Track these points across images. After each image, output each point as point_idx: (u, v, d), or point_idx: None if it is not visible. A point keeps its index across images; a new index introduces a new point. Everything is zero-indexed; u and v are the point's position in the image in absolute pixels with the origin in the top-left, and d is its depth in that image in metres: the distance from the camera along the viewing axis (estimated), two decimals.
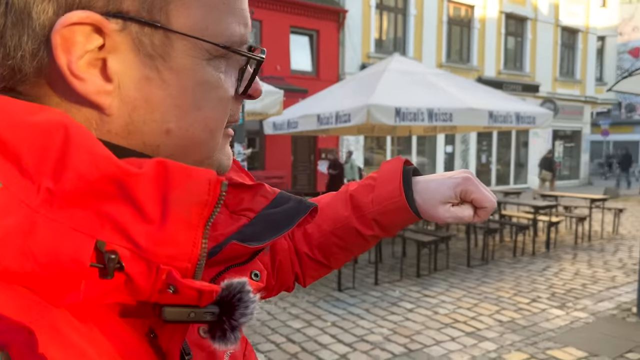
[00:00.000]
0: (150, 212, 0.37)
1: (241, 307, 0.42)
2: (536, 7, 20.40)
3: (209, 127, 0.45)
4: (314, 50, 14.67)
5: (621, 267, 7.06)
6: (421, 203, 0.78)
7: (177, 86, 0.42)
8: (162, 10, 0.40)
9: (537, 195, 14.97)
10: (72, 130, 0.36)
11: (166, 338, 0.42)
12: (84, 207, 0.36)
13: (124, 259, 0.36)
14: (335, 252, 0.85)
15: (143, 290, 0.38)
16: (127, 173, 0.36)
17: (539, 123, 8.19)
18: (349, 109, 6.78)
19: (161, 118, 0.42)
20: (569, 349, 4.14)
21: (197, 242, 0.39)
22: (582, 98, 22.63)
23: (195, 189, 0.38)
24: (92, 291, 0.36)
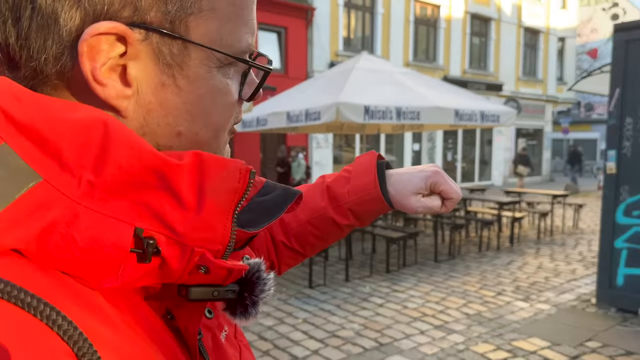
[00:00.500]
0: (188, 199, 0.40)
1: (260, 284, 0.47)
2: (500, 7, 20.87)
3: (215, 129, 0.48)
4: (282, 48, 14.64)
5: (581, 260, 7.33)
6: (394, 194, 0.84)
7: (190, 92, 0.45)
8: (182, 22, 0.43)
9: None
10: (112, 126, 0.38)
11: (184, 319, 0.46)
12: (124, 197, 0.38)
13: (161, 244, 0.40)
14: (312, 241, 0.89)
15: (174, 272, 0.41)
16: (170, 164, 0.39)
17: (503, 121, 8.40)
18: (318, 107, 6.81)
19: (174, 122, 0.45)
20: (533, 340, 4.29)
21: (227, 225, 0.43)
22: (544, 97, 23.31)
23: (228, 177, 0.42)
24: (129, 275, 0.40)
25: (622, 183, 4.89)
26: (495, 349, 4.10)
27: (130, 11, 0.40)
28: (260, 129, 8.66)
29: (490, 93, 20.10)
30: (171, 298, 0.45)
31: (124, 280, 0.39)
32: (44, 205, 0.36)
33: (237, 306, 0.48)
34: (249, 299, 0.47)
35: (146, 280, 0.41)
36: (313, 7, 14.87)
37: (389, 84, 7.52)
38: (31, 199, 0.36)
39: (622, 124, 4.84)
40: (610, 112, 4.95)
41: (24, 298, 0.33)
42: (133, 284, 0.41)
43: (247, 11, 0.48)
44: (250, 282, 0.47)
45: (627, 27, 4.86)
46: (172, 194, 0.40)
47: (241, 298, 0.47)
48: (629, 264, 4.91)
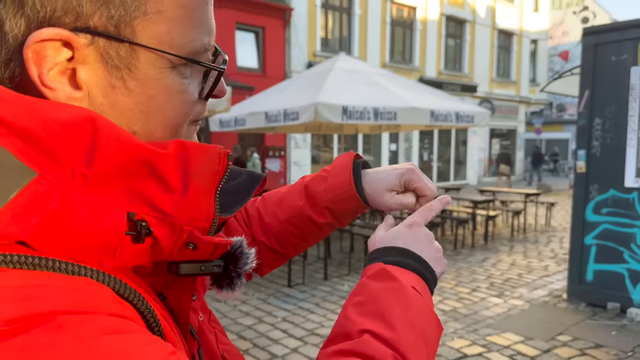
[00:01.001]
0: (175, 183, 0.44)
1: (243, 258, 0.53)
2: (474, 10, 21.20)
3: (171, 127, 0.50)
4: (260, 47, 14.61)
5: (553, 257, 7.52)
6: (369, 192, 0.85)
7: (142, 94, 0.46)
8: (128, 25, 0.44)
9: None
10: (100, 121, 0.41)
11: (176, 298, 0.50)
12: (115, 186, 0.42)
13: (152, 225, 0.44)
14: (291, 240, 0.90)
15: (165, 249, 0.45)
16: (156, 154, 0.43)
17: (477, 122, 8.56)
18: (297, 107, 6.84)
19: (127, 122, 0.46)
20: (507, 335, 4.41)
21: (211, 204, 0.47)
22: (517, 98, 23.75)
23: (209, 161, 0.47)
24: (125, 255, 0.44)
25: (592, 182, 5.05)
26: (471, 344, 4.19)
27: (73, 17, 0.42)
28: (239, 129, 8.65)
29: (465, 94, 20.41)
30: (162, 277, 0.49)
31: (121, 260, 0.43)
32: (42, 198, 0.39)
33: (223, 279, 0.53)
34: (234, 272, 0.52)
35: (140, 259, 0.45)
36: (291, 8, 14.88)
37: (366, 84, 7.60)
38: (29, 193, 0.38)
39: (592, 125, 5.01)
40: (580, 113, 5.11)
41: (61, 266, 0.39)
42: (129, 263, 0.45)
43: (199, 12, 0.48)
44: (234, 257, 0.52)
45: (596, 31, 5.02)
46: (159, 179, 0.43)
47: (227, 271, 0.52)
48: (598, 260, 5.07)
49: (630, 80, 4.70)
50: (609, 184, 4.93)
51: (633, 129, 4.73)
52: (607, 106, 4.89)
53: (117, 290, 0.40)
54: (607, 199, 4.96)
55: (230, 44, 13.79)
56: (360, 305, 0.64)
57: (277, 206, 0.90)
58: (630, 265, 4.84)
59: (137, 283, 0.45)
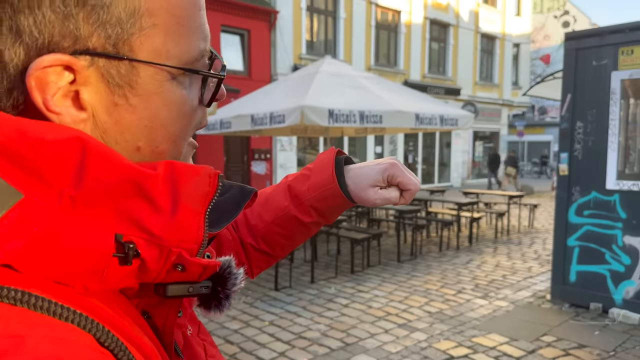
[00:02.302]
0: (164, 205, 0.43)
1: (232, 278, 0.53)
2: (458, 14, 21.41)
3: (176, 139, 0.50)
4: (245, 50, 14.58)
5: (536, 259, 7.62)
6: (353, 188, 0.84)
7: (145, 109, 0.46)
8: (125, 43, 0.44)
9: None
10: (89, 142, 0.41)
11: (162, 317, 0.49)
12: (103, 207, 0.41)
13: (140, 247, 0.42)
14: (279, 241, 0.89)
15: (153, 271, 0.44)
16: (145, 175, 0.43)
17: (461, 125, 8.64)
18: (283, 110, 6.84)
19: (132, 138, 0.47)
20: (492, 336, 4.45)
21: (201, 226, 0.46)
22: (500, 101, 24.04)
23: (200, 182, 0.46)
24: (111, 278, 0.42)
25: (574, 184, 5.13)
26: (457, 346, 4.23)
27: (71, 41, 0.41)
28: (224, 132, 8.62)
29: (449, 97, 20.60)
30: (148, 298, 0.48)
31: (107, 283, 0.42)
32: (27, 220, 0.38)
33: (211, 300, 0.52)
34: (222, 293, 0.52)
35: (127, 281, 0.44)
36: (276, 10, 14.88)
37: (352, 88, 7.64)
38: (15, 215, 0.38)
39: (574, 128, 5.09)
40: (562, 116, 5.20)
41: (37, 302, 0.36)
42: (116, 285, 0.44)
43: (192, 20, 0.48)
44: (222, 278, 0.52)
45: (577, 36, 5.11)
46: (148, 201, 0.43)
47: (215, 292, 0.52)
48: (580, 261, 5.15)
49: (610, 85, 4.80)
50: (590, 186, 5.01)
51: (614, 133, 4.82)
52: (589, 110, 4.98)
53: (99, 339, 0.38)
54: (589, 201, 5.04)
55: (216, 46, 13.74)
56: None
57: (262, 207, 0.89)
58: (612, 266, 4.93)
59: (121, 305, 0.44)
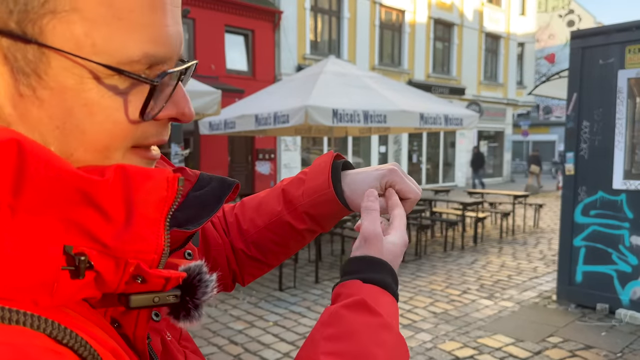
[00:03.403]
0: (115, 214, 0.39)
1: (202, 287, 0.47)
2: (462, 13, 21.36)
3: (97, 150, 0.43)
4: (249, 50, 14.59)
5: (542, 259, 7.58)
6: (349, 194, 0.79)
7: (56, 106, 0.40)
8: (35, 24, 0.38)
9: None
10: (26, 146, 0.36)
11: (131, 325, 0.46)
12: (48, 217, 0.37)
13: (93, 258, 0.39)
14: (272, 248, 0.84)
15: (110, 283, 0.41)
16: (91, 182, 0.38)
17: (466, 124, 8.61)
18: (287, 110, 6.83)
19: (41, 138, 0.40)
20: (498, 337, 4.43)
21: (160, 234, 0.42)
22: (504, 100, 23.96)
23: (155, 188, 0.41)
24: (63, 292, 0.39)
25: (580, 184, 5.10)
26: (462, 347, 4.21)
27: None
28: (228, 132, 8.63)
29: (453, 97, 20.54)
30: (114, 306, 0.44)
31: (60, 297, 0.38)
32: None
33: (179, 310, 0.47)
34: (191, 303, 0.47)
35: (83, 293, 0.41)
36: (280, 11, 14.88)
37: (356, 87, 7.62)
38: None
39: (580, 127, 5.06)
40: (568, 115, 5.16)
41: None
42: (69, 299, 0.40)
43: (137, 15, 0.41)
44: (192, 286, 0.47)
45: (584, 35, 5.08)
46: (98, 209, 0.39)
47: (183, 302, 0.46)
48: (587, 262, 5.12)
49: (617, 84, 4.76)
50: (597, 186, 4.98)
51: (620, 132, 4.78)
52: (595, 109, 4.94)
53: (54, 336, 0.35)
54: (595, 200, 5.00)
55: (220, 47, 13.76)
56: (334, 340, 0.56)
57: (255, 212, 0.84)
58: (619, 267, 4.89)
59: (85, 313, 0.41)
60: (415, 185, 0.78)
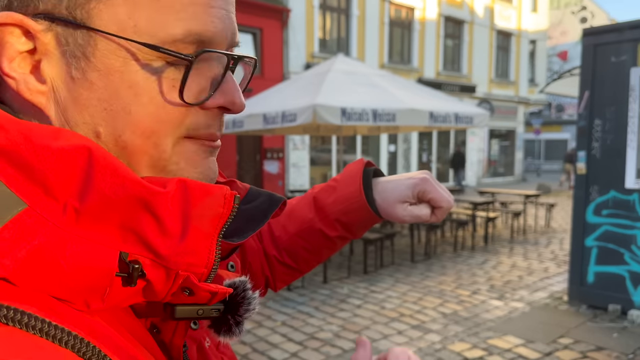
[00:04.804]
0: (172, 226, 0.40)
1: (245, 304, 0.48)
2: (473, 10, 21.20)
3: (144, 133, 0.43)
4: (257, 49, 14.59)
5: (553, 259, 7.50)
6: (380, 202, 0.80)
7: (104, 88, 0.42)
8: (83, 9, 0.40)
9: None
10: (96, 153, 0.39)
11: (170, 333, 0.47)
12: (108, 223, 0.39)
13: (146, 267, 0.40)
14: (303, 255, 0.85)
15: (159, 293, 0.42)
16: (153, 192, 0.40)
17: (476, 123, 8.53)
18: (295, 109, 6.81)
19: (91, 120, 0.42)
20: (508, 338, 4.38)
21: (212, 249, 0.43)
22: (516, 98, 23.75)
23: (213, 203, 0.42)
24: (114, 297, 0.40)
25: (592, 183, 5.03)
26: (472, 348, 4.16)
27: (25, 3, 0.40)
28: (237, 131, 8.63)
29: (464, 95, 20.40)
30: (159, 316, 0.46)
31: (110, 302, 0.40)
32: (29, 232, 0.36)
33: (221, 324, 0.48)
34: (233, 319, 0.47)
35: (131, 300, 0.42)
36: (288, 9, 14.86)
37: (365, 86, 7.57)
38: (16, 226, 0.36)
39: (592, 126, 4.98)
40: (579, 114, 5.09)
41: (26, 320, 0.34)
42: (118, 305, 0.41)
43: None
44: (235, 302, 0.48)
45: (596, 32, 5.00)
46: (156, 220, 0.40)
47: (225, 318, 0.47)
48: (598, 262, 5.05)
49: (630, 81, 4.68)
50: (609, 185, 4.90)
51: (633, 130, 4.70)
52: (607, 107, 4.87)
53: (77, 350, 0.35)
54: (607, 200, 4.93)
55: None
56: None
57: (286, 219, 0.86)
58: (631, 267, 4.82)
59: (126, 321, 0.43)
60: (448, 194, 0.79)
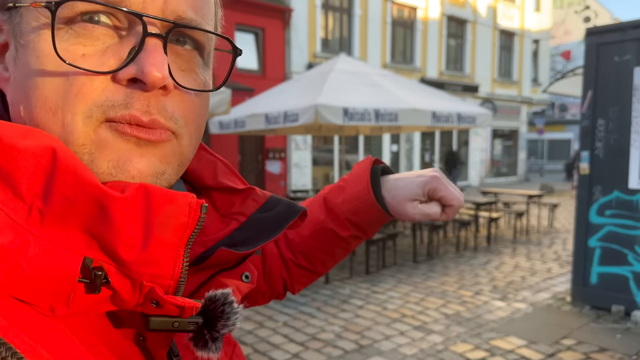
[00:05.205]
0: (131, 234, 0.38)
1: (223, 319, 0.45)
2: (476, 9, 21.15)
3: (51, 110, 0.40)
4: (260, 49, 14.58)
5: (556, 259, 7.46)
6: (390, 200, 0.79)
7: (25, 63, 0.41)
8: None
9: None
10: (60, 154, 0.37)
11: (154, 341, 0.45)
12: (72, 226, 0.38)
13: (110, 275, 0.38)
14: (319, 256, 0.85)
15: (127, 302, 0.40)
16: (109, 197, 0.37)
17: (479, 123, 8.51)
18: (297, 109, 6.80)
19: (18, 99, 0.42)
20: (511, 339, 4.35)
21: (178, 261, 0.40)
22: (519, 98, 23.69)
23: (176, 212, 0.39)
24: (79, 304, 0.39)
25: (595, 183, 5.00)
26: (474, 349, 4.14)
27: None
28: (239, 131, 8.62)
29: (467, 94, 20.36)
30: (137, 326, 0.44)
31: (76, 309, 0.38)
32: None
33: (198, 339, 0.45)
34: (209, 334, 0.45)
35: (102, 307, 0.41)
36: (290, 8, 14.85)
37: (367, 85, 7.56)
38: None
39: (595, 126, 4.95)
40: (583, 114, 5.06)
41: None
42: (87, 311, 0.40)
43: None
44: (213, 316, 0.45)
45: (599, 31, 4.97)
46: (114, 227, 0.38)
47: (201, 331, 0.45)
48: (602, 263, 5.02)
49: (633, 81, 4.65)
50: (612, 185, 4.87)
51: (637, 130, 4.67)
52: (611, 107, 4.84)
53: None
54: (611, 200, 4.90)
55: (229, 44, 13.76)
56: None
57: None
58: (635, 268, 4.79)
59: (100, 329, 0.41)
60: (458, 192, 0.78)
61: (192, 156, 0.49)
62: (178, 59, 0.45)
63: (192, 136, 0.47)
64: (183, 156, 0.46)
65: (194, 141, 0.48)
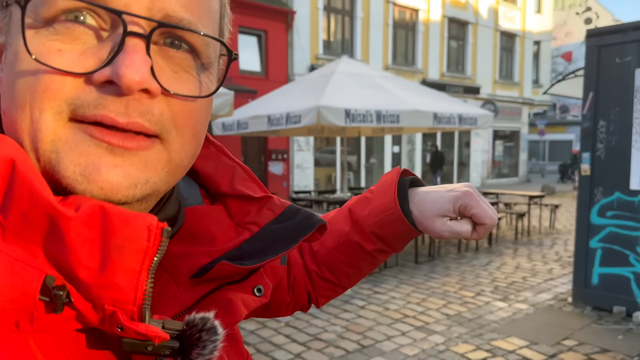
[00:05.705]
0: (87, 257, 0.36)
1: (199, 347, 0.42)
2: (477, 11, 21.17)
3: (20, 105, 0.38)
4: (262, 51, 14.62)
5: (558, 260, 7.47)
6: (418, 215, 0.75)
7: (9, 61, 0.40)
8: None
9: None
10: (19, 165, 0.36)
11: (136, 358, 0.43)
12: (32, 242, 0.36)
13: (73, 295, 0.36)
14: (343, 269, 0.81)
15: (92, 323, 0.38)
16: (61, 215, 0.35)
17: (480, 124, 8.53)
18: (299, 110, 6.83)
19: (3, 98, 0.41)
20: (512, 339, 4.37)
21: (140, 287, 0.38)
22: (520, 100, 23.69)
23: (133, 236, 0.37)
24: (44, 321, 0.36)
25: (596, 184, 5.01)
26: (475, 349, 4.16)
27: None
28: (241, 133, 8.66)
29: (468, 96, 20.37)
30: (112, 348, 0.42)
31: (40, 326, 0.36)
32: None
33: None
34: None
35: (70, 325, 0.38)
36: (293, 11, 14.89)
37: (369, 87, 7.59)
38: None
39: (596, 127, 4.97)
40: (584, 115, 5.08)
41: None
42: (54, 329, 0.38)
43: None
44: (190, 342, 0.42)
45: (600, 33, 4.99)
46: (68, 247, 0.35)
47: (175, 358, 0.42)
48: (603, 264, 5.03)
49: (634, 82, 4.67)
50: (614, 186, 4.89)
51: (638, 132, 4.69)
52: (612, 108, 4.85)
53: None
54: (612, 201, 4.92)
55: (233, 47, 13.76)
56: None
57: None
58: (636, 269, 4.80)
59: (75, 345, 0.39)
60: (492, 210, 0.72)
61: (187, 162, 0.45)
62: (171, 62, 0.42)
63: (185, 141, 0.43)
64: (172, 162, 0.43)
65: (189, 147, 0.44)
